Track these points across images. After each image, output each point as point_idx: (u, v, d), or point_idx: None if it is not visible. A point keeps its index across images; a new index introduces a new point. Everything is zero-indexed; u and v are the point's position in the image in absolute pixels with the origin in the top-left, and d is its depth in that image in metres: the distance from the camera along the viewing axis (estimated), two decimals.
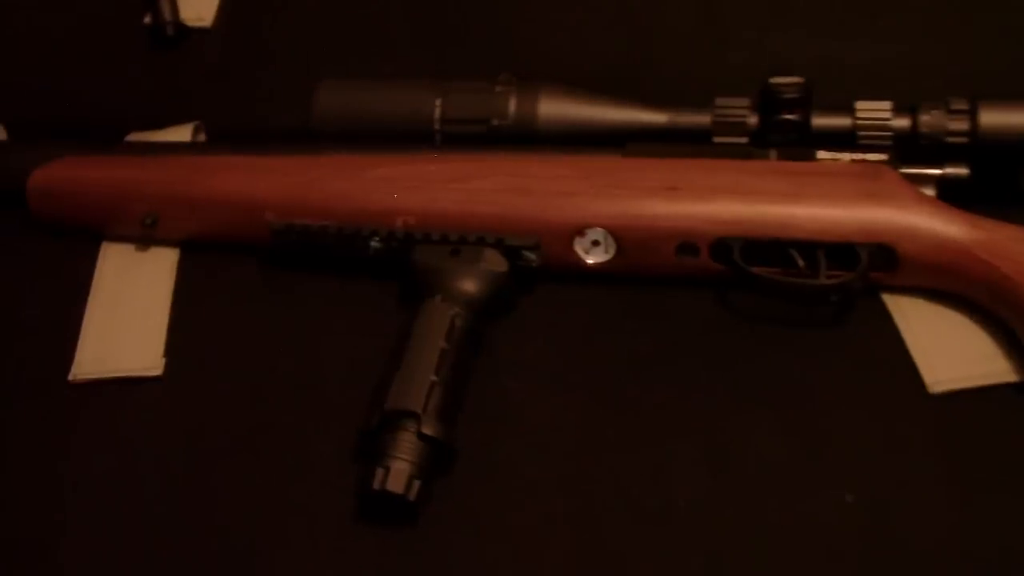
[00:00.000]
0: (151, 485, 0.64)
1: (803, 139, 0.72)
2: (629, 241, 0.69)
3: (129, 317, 0.73)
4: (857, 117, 0.71)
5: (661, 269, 0.70)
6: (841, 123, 0.72)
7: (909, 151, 0.71)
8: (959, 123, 0.70)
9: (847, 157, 0.71)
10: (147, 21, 0.87)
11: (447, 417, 0.63)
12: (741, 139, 0.72)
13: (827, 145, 0.71)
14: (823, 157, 0.71)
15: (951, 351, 0.67)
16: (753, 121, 0.72)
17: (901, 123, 0.71)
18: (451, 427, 0.63)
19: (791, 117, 0.72)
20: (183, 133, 0.82)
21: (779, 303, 0.69)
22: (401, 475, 0.60)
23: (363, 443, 0.63)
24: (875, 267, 0.67)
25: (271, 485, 0.64)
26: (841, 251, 0.67)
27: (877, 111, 0.71)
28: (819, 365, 0.67)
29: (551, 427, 0.65)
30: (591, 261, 0.71)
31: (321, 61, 0.85)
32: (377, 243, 0.71)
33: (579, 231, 0.70)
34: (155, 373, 0.69)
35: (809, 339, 0.69)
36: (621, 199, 0.69)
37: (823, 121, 0.72)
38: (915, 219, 0.67)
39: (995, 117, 0.70)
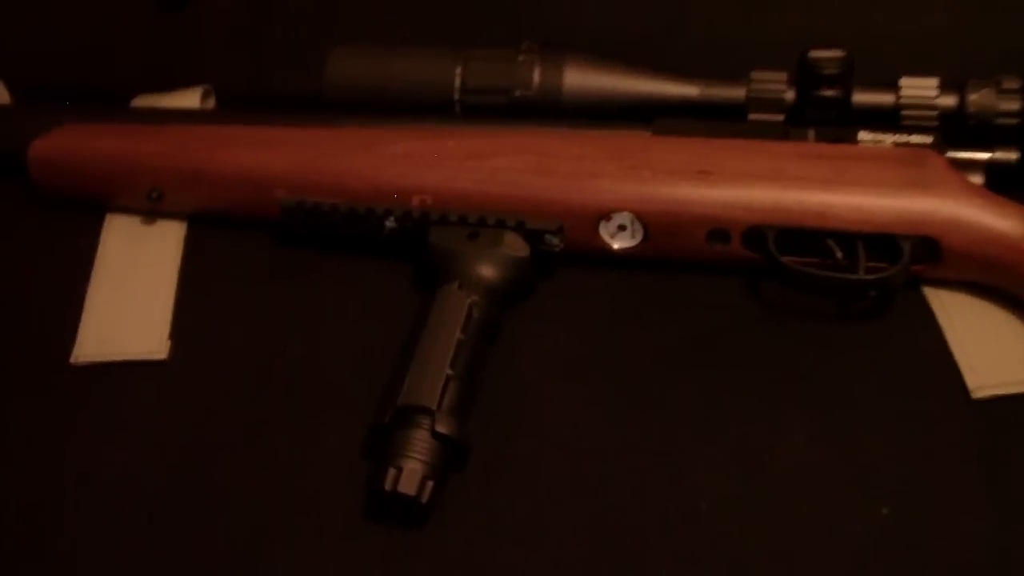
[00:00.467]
0: (153, 475, 0.62)
1: (843, 117, 0.70)
2: (657, 226, 0.67)
3: (134, 296, 0.70)
4: (901, 95, 0.69)
5: (690, 255, 0.68)
6: (884, 101, 0.70)
7: (956, 133, 0.69)
8: (1010, 103, 0.68)
9: (889, 139, 0.69)
10: None
11: (462, 413, 0.60)
12: (777, 117, 0.70)
13: (868, 125, 0.69)
14: (864, 139, 0.69)
15: (996, 353, 0.64)
16: (790, 97, 0.70)
17: (948, 102, 0.69)
18: (466, 423, 0.60)
19: (831, 94, 0.69)
20: (191, 97, 0.80)
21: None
22: (414, 476, 0.58)
23: (374, 438, 0.60)
24: (917, 260, 0.65)
25: (278, 477, 0.62)
26: (881, 242, 0.64)
27: (923, 88, 0.69)
28: (855, 363, 0.65)
29: (569, 423, 0.63)
30: (617, 246, 0.68)
31: (335, 24, 0.82)
32: (392, 223, 0.68)
33: (605, 215, 0.67)
34: (160, 357, 0.67)
35: (844, 334, 0.66)
36: (650, 182, 0.66)
37: (865, 98, 0.70)
38: (962, 211, 0.64)
39: None
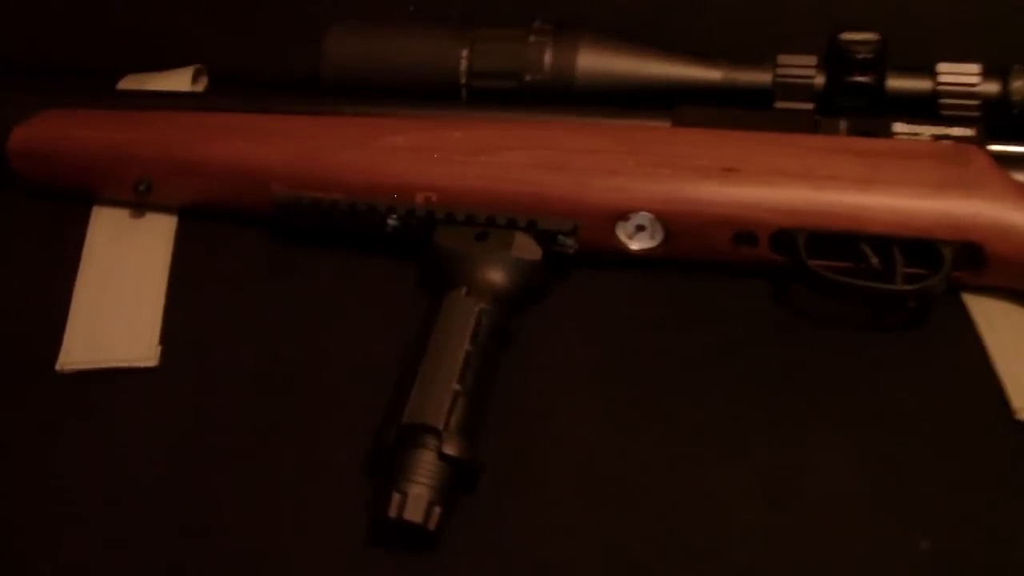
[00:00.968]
0: (141, 493, 0.59)
1: (876, 106, 0.66)
2: (679, 227, 0.63)
3: (122, 296, 0.67)
4: (939, 81, 0.65)
5: (713, 257, 0.64)
6: (920, 88, 0.66)
7: (999, 123, 0.65)
8: None
9: (927, 131, 0.65)
10: None
11: (470, 432, 0.57)
12: (806, 105, 0.67)
13: (904, 115, 0.65)
14: (899, 131, 0.65)
15: None
16: (820, 83, 0.67)
17: (990, 89, 0.65)
18: (474, 443, 0.57)
19: (863, 80, 0.65)
20: (183, 77, 0.77)
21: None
22: (420, 502, 0.54)
23: (378, 458, 0.57)
24: (959, 265, 0.61)
25: (276, 497, 0.58)
26: (920, 247, 0.60)
27: (963, 75, 0.65)
28: (889, 378, 0.61)
29: (584, 441, 0.59)
30: (635, 247, 0.64)
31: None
32: (394, 221, 0.65)
33: (622, 215, 0.63)
34: (150, 364, 0.64)
35: (880, 345, 0.62)
36: (671, 180, 0.62)
37: (899, 85, 0.67)
38: (1008, 213, 0.60)
39: None
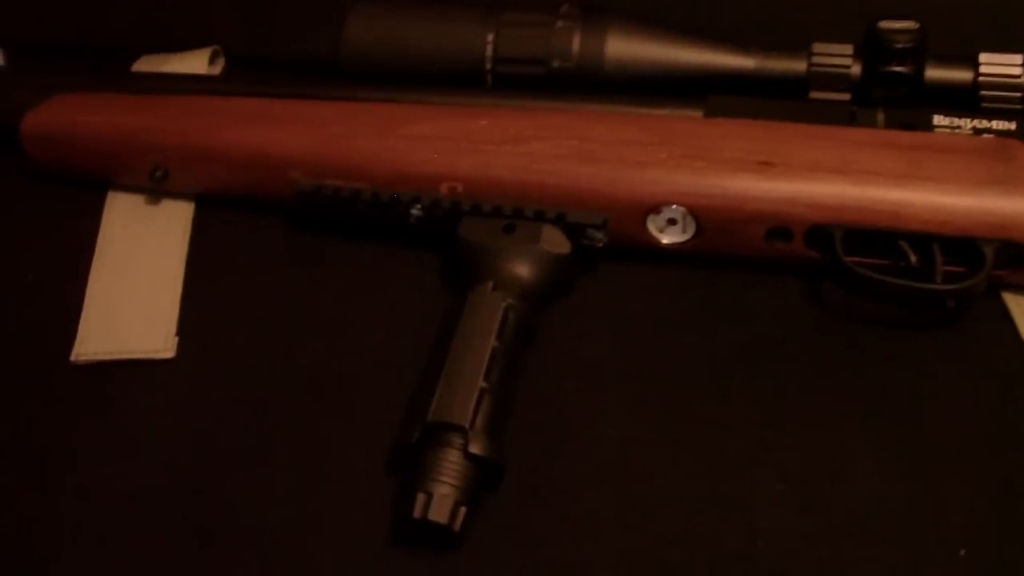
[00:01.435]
0: (156, 490, 0.57)
1: (914, 96, 0.65)
2: (712, 222, 0.61)
3: (138, 285, 0.65)
4: (981, 72, 0.64)
5: (746, 253, 0.62)
6: (961, 79, 0.65)
7: None
8: None
9: (968, 124, 0.63)
10: None
11: (497, 431, 0.55)
12: (843, 95, 0.65)
13: (943, 106, 0.64)
14: (939, 123, 0.63)
15: None
16: (856, 72, 0.65)
17: None
18: (501, 442, 0.55)
19: (902, 70, 0.64)
20: (199, 59, 0.75)
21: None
22: (445, 502, 0.53)
23: (400, 456, 0.55)
24: (1000, 264, 0.59)
25: (294, 495, 0.57)
26: (960, 245, 0.59)
27: (1005, 65, 0.64)
28: (927, 378, 0.59)
29: (610, 441, 0.58)
30: (666, 241, 0.62)
31: None
32: (418, 211, 0.63)
33: (654, 208, 0.61)
34: (167, 355, 0.62)
35: (917, 345, 0.61)
36: (704, 173, 0.60)
37: (939, 75, 0.65)
38: None
39: None
